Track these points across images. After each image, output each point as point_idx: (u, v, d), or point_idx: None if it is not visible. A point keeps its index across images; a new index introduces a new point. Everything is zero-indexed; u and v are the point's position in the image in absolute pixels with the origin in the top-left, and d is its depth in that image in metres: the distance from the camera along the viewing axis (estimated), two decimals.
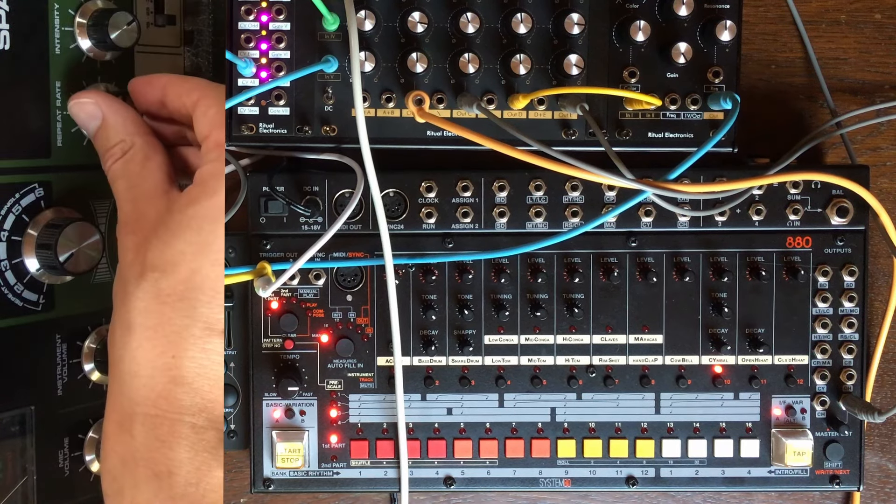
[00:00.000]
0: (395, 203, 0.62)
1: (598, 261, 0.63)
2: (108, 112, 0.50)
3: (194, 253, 0.45)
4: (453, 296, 0.63)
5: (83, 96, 0.51)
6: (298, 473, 0.63)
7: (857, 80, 0.67)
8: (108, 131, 0.50)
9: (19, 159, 0.52)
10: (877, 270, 0.67)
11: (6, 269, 0.51)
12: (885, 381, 0.68)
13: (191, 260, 0.45)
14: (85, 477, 0.56)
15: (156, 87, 0.51)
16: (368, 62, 0.57)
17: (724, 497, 0.69)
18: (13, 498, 0.52)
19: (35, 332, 0.53)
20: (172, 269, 0.45)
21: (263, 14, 0.58)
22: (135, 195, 0.48)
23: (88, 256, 0.53)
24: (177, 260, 0.45)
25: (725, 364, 0.64)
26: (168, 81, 0.51)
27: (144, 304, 0.45)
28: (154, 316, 0.44)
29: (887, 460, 0.69)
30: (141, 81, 0.52)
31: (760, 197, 0.62)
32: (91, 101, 0.51)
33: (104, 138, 0.50)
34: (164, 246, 0.45)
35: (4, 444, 0.52)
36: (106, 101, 0.51)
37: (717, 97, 0.58)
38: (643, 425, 0.64)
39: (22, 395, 0.53)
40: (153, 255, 0.45)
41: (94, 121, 0.51)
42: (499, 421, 0.64)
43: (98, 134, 0.51)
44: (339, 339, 0.63)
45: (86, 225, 0.53)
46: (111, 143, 0.50)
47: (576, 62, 0.57)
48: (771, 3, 0.66)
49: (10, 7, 0.50)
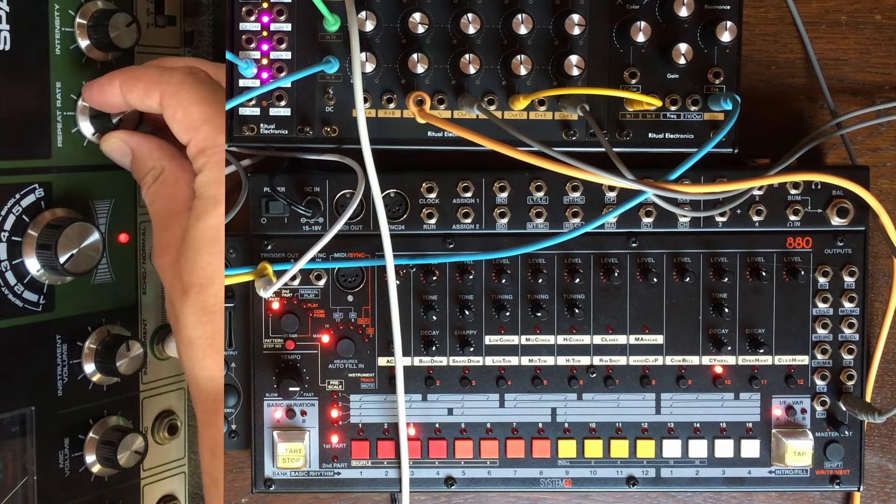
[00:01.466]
0: (396, 203, 0.62)
1: (599, 261, 0.63)
2: (136, 145, 0.53)
3: (219, 264, 0.47)
4: (454, 296, 0.63)
5: (111, 137, 0.54)
6: (299, 473, 0.63)
7: (858, 81, 0.67)
8: (139, 163, 0.52)
9: (20, 160, 0.51)
10: (877, 271, 0.67)
11: (6, 269, 0.51)
12: (885, 381, 0.68)
13: (219, 272, 0.47)
14: (85, 477, 0.56)
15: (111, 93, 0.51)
16: (369, 63, 0.57)
17: (725, 497, 0.69)
18: (13, 498, 0.52)
19: (35, 332, 0.53)
20: (209, 282, 0.47)
21: (264, 15, 0.58)
22: (166, 216, 0.50)
23: (88, 257, 0.53)
24: (208, 272, 0.47)
25: (726, 364, 0.64)
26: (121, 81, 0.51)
27: (196, 319, 0.48)
28: (207, 326, 0.48)
29: (887, 460, 0.69)
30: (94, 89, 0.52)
31: (761, 197, 0.62)
32: (118, 139, 0.53)
33: (137, 170, 0.53)
34: (193, 264, 0.48)
35: (4, 445, 0.52)
36: (131, 136, 0.54)
37: (718, 98, 0.58)
38: (644, 425, 0.64)
39: (22, 395, 0.53)
40: (187, 273, 0.48)
41: (125, 158, 0.53)
42: (499, 421, 0.64)
43: (132, 167, 0.53)
44: (339, 340, 0.63)
45: (86, 225, 0.53)
46: (143, 173, 0.52)
47: (576, 63, 0.57)
48: (771, 3, 0.66)
49: (10, 7, 0.50)
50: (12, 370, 0.52)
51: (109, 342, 0.56)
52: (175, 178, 0.51)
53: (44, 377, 0.54)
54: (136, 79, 0.50)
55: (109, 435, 0.56)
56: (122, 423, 0.58)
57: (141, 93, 0.50)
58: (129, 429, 0.57)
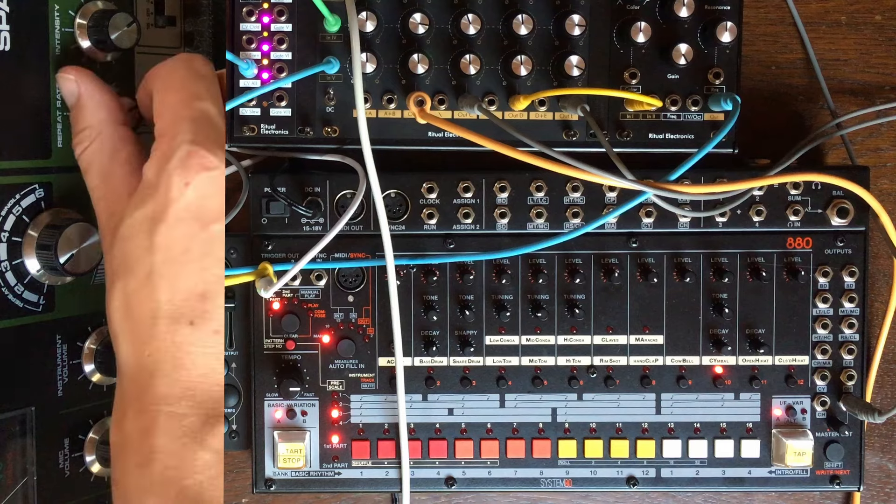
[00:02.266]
0: (397, 204, 0.62)
1: (599, 261, 0.63)
2: (84, 92, 0.50)
3: (145, 254, 0.45)
4: (454, 296, 0.63)
5: (68, 71, 0.50)
6: (300, 474, 0.63)
7: (858, 82, 0.67)
8: (79, 112, 0.50)
9: (20, 160, 0.51)
10: (877, 271, 0.67)
11: (6, 269, 0.51)
12: (885, 381, 0.68)
13: (145, 261, 0.45)
14: (85, 477, 0.56)
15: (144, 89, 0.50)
16: (370, 63, 0.57)
17: (725, 497, 0.69)
18: (13, 498, 0.52)
19: (35, 332, 0.53)
20: (132, 274, 0.46)
21: (265, 15, 0.58)
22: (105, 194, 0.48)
23: (89, 257, 0.53)
24: (133, 264, 0.46)
25: (726, 364, 0.64)
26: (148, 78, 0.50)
27: (120, 314, 0.46)
28: (127, 320, 0.46)
29: (887, 460, 0.69)
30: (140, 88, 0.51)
31: (761, 198, 0.63)
32: (72, 77, 0.50)
33: (75, 119, 0.50)
34: (122, 252, 0.46)
35: (5, 445, 0.52)
36: (85, 82, 0.50)
37: (718, 98, 0.58)
38: (644, 426, 0.64)
39: (22, 395, 0.52)
40: (115, 261, 0.46)
41: (71, 98, 0.50)
42: (500, 421, 0.64)
43: (72, 113, 0.50)
44: (340, 340, 0.63)
45: (86, 226, 0.53)
46: (80, 127, 0.49)
47: (577, 63, 0.57)
48: (771, 4, 0.66)
49: (10, 8, 0.50)
50: (12, 370, 0.52)
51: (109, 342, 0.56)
52: (113, 149, 0.48)
53: (44, 377, 0.54)
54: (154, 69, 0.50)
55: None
56: None
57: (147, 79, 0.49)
58: None
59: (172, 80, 0.48)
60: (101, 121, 0.49)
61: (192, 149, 0.45)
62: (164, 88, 0.48)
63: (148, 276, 0.45)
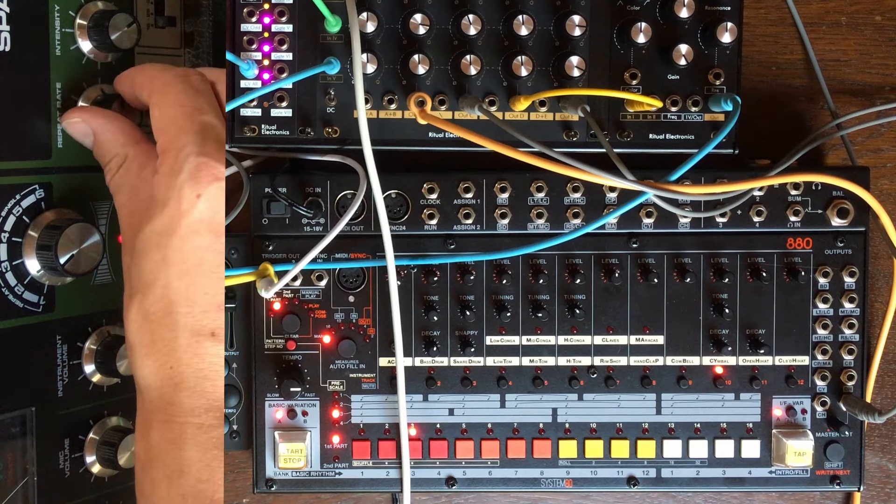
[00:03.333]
0: (397, 204, 0.62)
1: (600, 262, 0.63)
2: (97, 128, 0.51)
3: (160, 269, 0.46)
4: (455, 297, 0.63)
5: (72, 115, 0.51)
6: (301, 474, 0.63)
7: (858, 82, 0.67)
8: (101, 148, 0.51)
9: (20, 161, 0.51)
10: (877, 271, 0.67)
11: (7, 270, 0.51)
12: (886, 381, 0.68)
13: (160, 276, 0.46)
14: (85, 478, 0.56)
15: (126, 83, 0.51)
16: (370, 64, 0.57)
17: (725, 497, 0.69)
18: (13, 499, 0.52)
19: (35, 333, 0.53)
20: (149, 289, 0.46)
21: (266, 16, 0.58)
22: (131, 209, 0.48)
23: (89, 258, 0.53)
24: (148, 279, 0.46)
25: (726, 365, 0.64)
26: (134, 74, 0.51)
27: (137, 325, 0.47)
28: (146, 334, 0.46)
29: (888, 461, 0.69)
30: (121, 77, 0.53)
31: (761, 198, 0.63)
32: (78, 119, 0.51)
33: (100, 155, 0.51)
34: (138, 268, 0.46)
35: (5, 445, 0.52)
36: (94, 117, 0.51)
37: (718, 99, 0.58)
38: (644, 426, 0.64)
39: (22, 396, 0.52)
40: (133, 278, 0.47)
41: (87, 138, 0.51)
42: (500, 421, 0.64)
43: (95, 151, 0.51)
44: (341, 340, 0.63)
45: (86, 226, 0.53)
46: (107, 159, 0.50)
47: (577, 64, 0.57)
48: (772, 4, 0.66)
49: (10, 9, 0.50)
50: (12, 371, 0.52)
51: (110, 343, 0.56)
52: (140, 166, 0.49)
53: (44, 378, 0.54)
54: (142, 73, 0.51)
55: (109, 435, 0.56)
56: (123, 423, 0.58)
57: (138, 86, 0.50)
58: (130, 429, 0.57)
59: (173, 96, 0.48)
60: (123, 145, 0.50)
61: (202, 160, 0.46)
62: (166, 104, 0.48)
63: (164, 290, 0.46)
